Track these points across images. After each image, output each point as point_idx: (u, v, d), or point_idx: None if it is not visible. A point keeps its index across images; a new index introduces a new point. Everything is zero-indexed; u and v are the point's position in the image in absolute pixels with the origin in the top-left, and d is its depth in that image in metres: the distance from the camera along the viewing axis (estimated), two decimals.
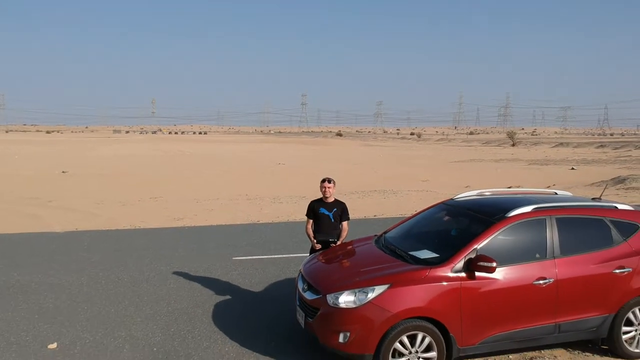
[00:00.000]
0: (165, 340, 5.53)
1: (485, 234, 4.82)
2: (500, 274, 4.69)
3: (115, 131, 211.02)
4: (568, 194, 6.11)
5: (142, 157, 42.84)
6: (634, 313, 5.15)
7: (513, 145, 73.57)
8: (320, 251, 5.99)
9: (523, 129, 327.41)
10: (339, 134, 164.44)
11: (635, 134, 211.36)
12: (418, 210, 6.68)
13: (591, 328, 5.05)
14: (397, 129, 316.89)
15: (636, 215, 5.40)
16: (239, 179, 25.37)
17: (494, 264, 4.52)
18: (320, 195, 6.31)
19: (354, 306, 4.53)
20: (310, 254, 6.12)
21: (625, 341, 5.15)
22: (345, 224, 6.21)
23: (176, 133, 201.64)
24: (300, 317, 5.09)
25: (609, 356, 5.20)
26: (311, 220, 6.27)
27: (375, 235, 6.06)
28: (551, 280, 4.82)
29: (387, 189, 20.77)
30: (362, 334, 4.46)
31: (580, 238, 5.11)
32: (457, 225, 5.54)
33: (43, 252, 9.35)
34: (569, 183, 23.27)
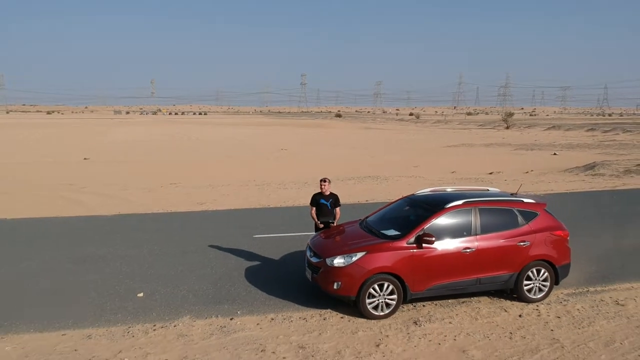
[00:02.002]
0: (216, 291, 8.09)
1: (430, 219, 7.32)
2: (439, 245, 7.19)
3: (115, 112, 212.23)
4: (496, 190, 8.59)
5: (152, 142, 45.21)
6: (532, 272, 7.69)
7: (507, 128, 75.76)
8: (322, 229, 8.54)
9: (522, 108, 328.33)
10: (339, 115, 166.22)
11: (634, 114, 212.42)
12: (393, 200, 9.16)
13: (502, 281, 7.60)
14: (397, 109, 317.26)
15: (536, 206, 7.91)
16: (245, 165, 27.78)
17: (433, 239, 7.04)
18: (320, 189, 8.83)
19: (344, 265, 7.05)
20: (315, 231, 8.67)
21: (527, 291, 7.71)
22: (337, 209, 8.77)
23: (176, 114, 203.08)
24: (308, 274, 7.65)
25: (515, 301, 7.77)
26: (314, 208, 8.80)
27: (360, 219, 8.57)
28: (473, 249, 7.33)
29: (380, 174, 23.14)
30: (349, 283, 6.99)
31: (495, 222, 7.60)
32: (414, 213, 8.02)
33: (102, 232, 11.86)
34: (545, 169, 25.70)
